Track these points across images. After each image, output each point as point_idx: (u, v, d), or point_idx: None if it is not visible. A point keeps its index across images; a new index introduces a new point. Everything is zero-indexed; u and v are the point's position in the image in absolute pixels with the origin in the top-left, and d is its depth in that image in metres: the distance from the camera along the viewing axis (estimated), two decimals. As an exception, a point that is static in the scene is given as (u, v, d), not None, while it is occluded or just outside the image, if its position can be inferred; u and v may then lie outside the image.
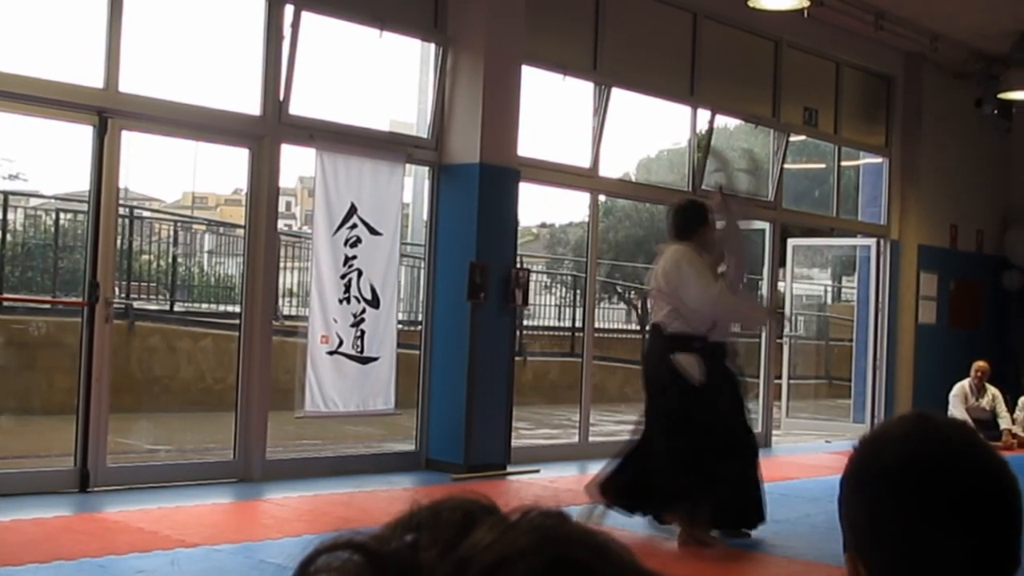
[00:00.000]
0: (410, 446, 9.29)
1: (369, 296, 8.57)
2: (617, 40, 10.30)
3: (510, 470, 9.06)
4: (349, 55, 9.86)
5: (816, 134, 13.06)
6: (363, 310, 8.54)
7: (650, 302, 6.81)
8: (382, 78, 9.89)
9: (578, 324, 14.94)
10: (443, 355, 9.10)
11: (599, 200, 10.97)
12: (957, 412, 12.24)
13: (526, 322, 16.54)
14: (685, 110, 11.33)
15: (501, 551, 0.60)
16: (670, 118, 13.52)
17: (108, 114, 7.42)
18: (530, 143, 9.55)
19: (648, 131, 22.77)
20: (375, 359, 8.60)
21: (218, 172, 46.45)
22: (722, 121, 12.47)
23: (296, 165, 21.32)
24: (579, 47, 10.10)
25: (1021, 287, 14.79)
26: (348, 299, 8.47)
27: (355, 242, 8.50)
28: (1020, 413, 12.74)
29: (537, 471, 9.07)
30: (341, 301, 8.43)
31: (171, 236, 15.81)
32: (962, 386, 12.56)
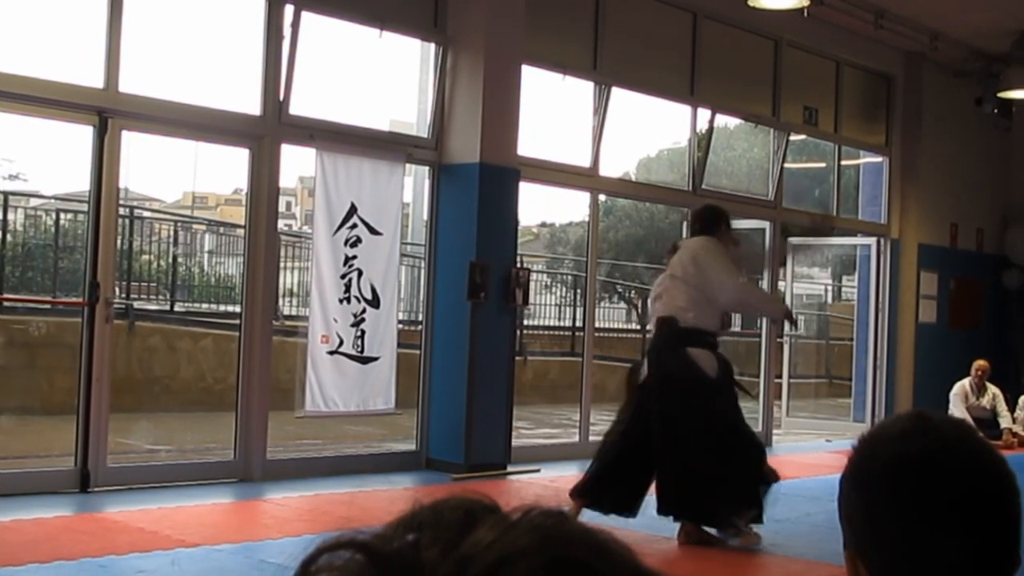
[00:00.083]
0: (410, 446, 9.29)
1: (369, 296, 8.57)
2: (617, 39, 10.30)
3: (510, 470, 9.06)
4: (349, 55, 9.86)
5: (816, 133, 13.06)
6: (363, 310, 8.54)
7: (657, 297, 6.82)
8: (382, 78, 9.89)
9: (578, 323, 14.95)
10: (443, 355, 9.10)
11: (599, 199, 10.97)
12: (957, 411, 12.23)
13: (526, 322, 16.53)
14: (685, 109, 11.33)
15: (502, 550, 0.60)
16: (670, 117, 13.55)
17: (108, 114, 7.42)
18: (530, 143, 9.55)
19: (648, 131, 22.78)
20: (375, 359, 8.60)
21: (218, 172, 46.47)
22: (722, 120, 12.48)
23: (296, 165, 21.32)
24: (579, 47, 10.10)
25: (1021, 286, 14.79)
26: (348, 299, 8.47)
27: (355, 242, 8.50)
28: (1020, 412, 12.74)
29: (537, 471, 9.08)
30: (341, 301, 8.43)
31: (171, 236, 15.81)
32: (962, 385, 12.56)
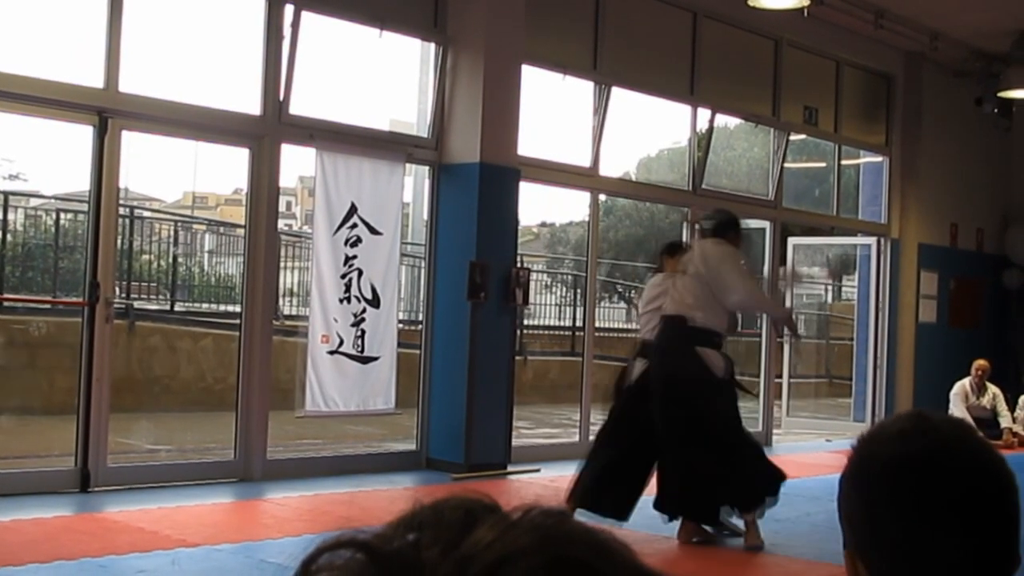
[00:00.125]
0: (410, 446, 9.29)
1: (369, 296, 8.57)
2: (617, 39, 10.30)
3: (510, 469, 9.06)
4: (349, 55, 9.86)
5: (816, 133, 13.06)
6: (363, 310, 8.54)
7: (654, 298, 6.82)
8: (382, 78, 9.89)
9: (578, 323, 14.95)
10: (443, 355, 9.10)
11: (599, 199, 10.96)
12: (958, 411, 12.23)
13: (526, 321, 16.53)
14: (685, 109, 11.33)
15: (502, 549, 0.60)
16: (670, 117, 13.54)
17: (108, 114, 7.42)
18: (530, 142, 9.55)
19: (648, 130, 22.74)
20: (375, 359, 8.60)
21: (218, 172, 46.44)
22: (722, 120, 12.47)
23: (296, 165, 21.25)
24: (579, 46, 10.10)
25: (1021, 286, 14.79)
26: (348, 299, 8.47)
27: (355, 242, 8.50)
28: (1021, 412, 12.74)
29: (537, 470, 9.07)
30: (341, 301, 8.43)
31: (171, 236, 15.81)
32: (963, 385, 12.56)
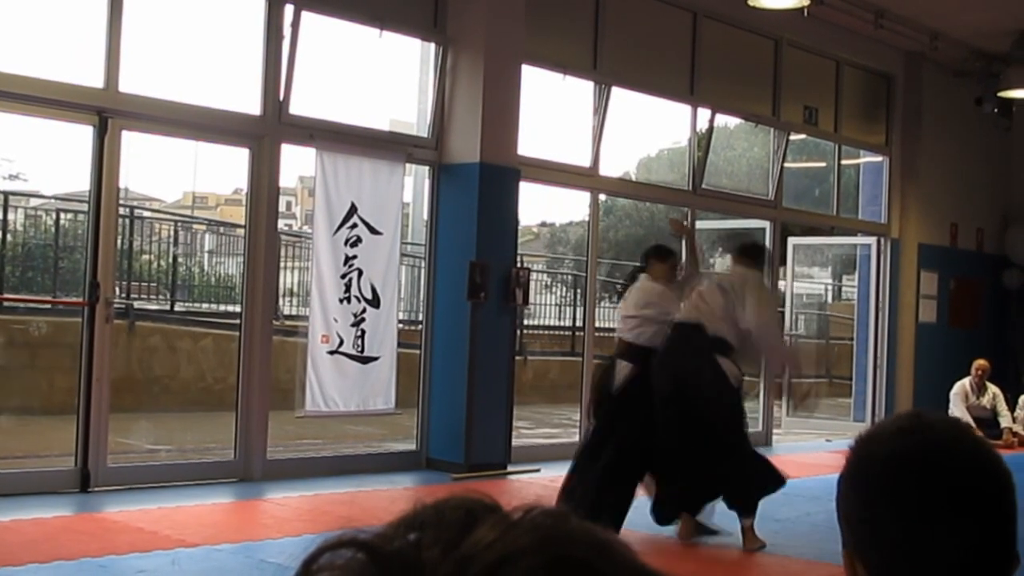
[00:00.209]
0: (410, 446, 9.29)
1: (369, 296, 8.57)
2: (617, 39, 10.30)
3: (510, 469, 9.06)
4: (349, 55, 9.86)
5: (816, 133, 13.06)
6: (363, 310, 8.54)
7: (650, 304, 6.83)
8: (382, 78, 9.89)
9: (578, 323, 14.94)
10: (443, 355, 9.10)
11: (599, 199, 10.96)
12: (958, 410, 12.23)
13: (526, 321, 16.53)
14: (685, 109, 11.33)
15: (503, 549, 0.60)
16: (670, 117, 13.53)
17: (108, 114, 7.42)
18: (530, 142, 9.55)
19: (648, 130, 22.71)
20: (375, 359, 8.60)
21: (218, 172, 46.43)
22: (722, 120, 12.47)
23: (296, 165, 21.22)
24: (579, 46, 10.10)
25: (1021, 286, 14.79)
26: (348, 299, 8.47)
27: (355, 242, 8.50)
28: (1021, 412, 12.74)
29: (537, 470, 9.07)
30: (341, 301, 8.43)
31: (171, 236, 15.80)
32: (963, 384, 12.56)
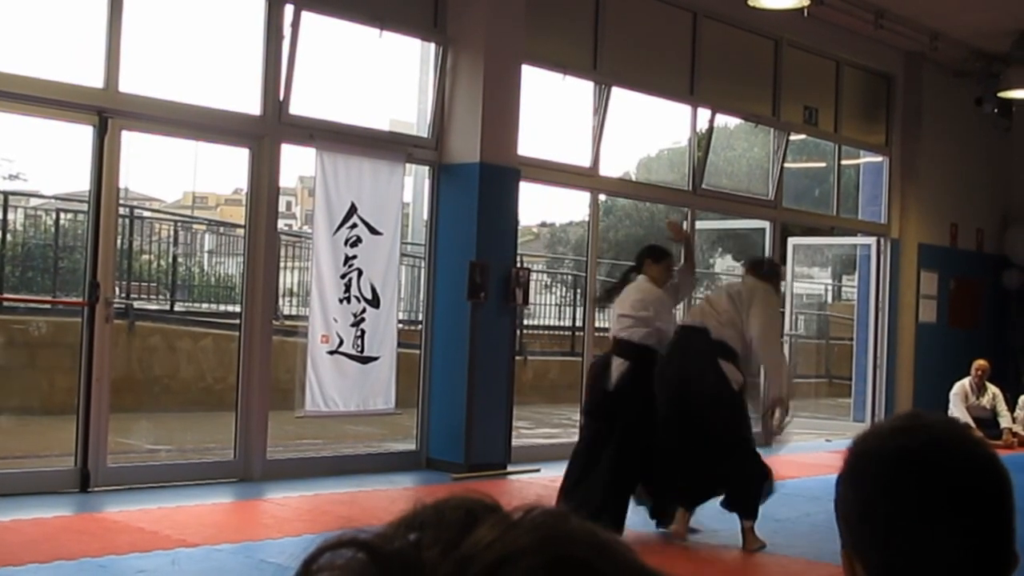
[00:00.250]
0: (410, 446, 9.29)
1: (369, 296, 8.57)
2: (617, 39, 10.30)
3: (510, 469, 9.06)
4: (349, 55, 9.86)
5: (816, 133, 13.06)
6: (363, 310, 8.54)
7: (645, 305, 6.84)
8: (382, 78, 9.89)
9: (578, 323, 14.94)
10: (443, 355, 9.10)
11: (599, 199, 10.97)
12: (957, 411, 12.23)
13: (526, 321, 16.52)
14: (685, 109, 11.33)
15: (503, 549, 0.60)
16: (670, 117, 13.53)
17: (108, 114, 7.42)
18: (530, 142, 9.55)
19: (648, 130, 22.68)
20: (375, 359, 8.60)
21: (218, 172, 46.46)
22: (722, 120, 12.47)
23: (296, 165, 21.21)
24: (579, 46, 10.10)
25: (1021, 286, 14.79)
26: (348, 299, 8.47)
27: (355, 242, 8.50)
28: (1021, 412, 12.74)
29: (537, 470, 9.07)
30: (341, 301, 8.43)
31: (171, 236, 15.80)
32: (962, 385, 12.55)
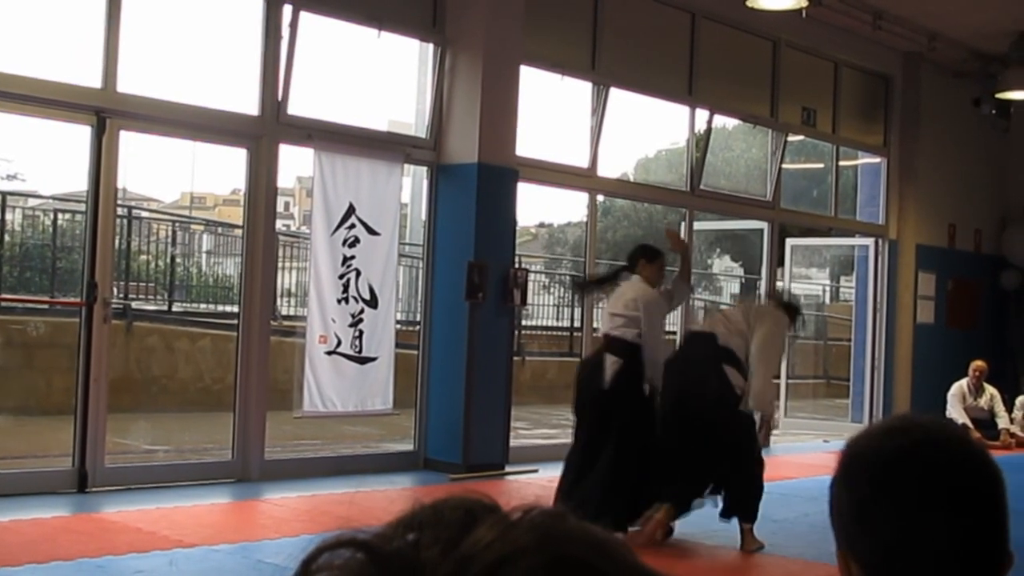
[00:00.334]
0: (408, 446, 9.29)
1: (367, 296, 8.57)
2: (615, 40, 10.30)
3: (508, 470, 9.06)
4: (347, 55, 9.87)
5: (814, 134, 13.06)
6: (361, 310, 8.54)
7: (635, 308, 6.86)
8: (380, 78, 9.89)
9: (576, 324, 14.96)
10: (441, 355, 9.09)
11: (597, 200, 10.97)
12: (955, 412, 12.25)
13: (524, 322, 16.53)
14: (683, 110, 11.33)
15: (502, 549, 0.60)
16: (668, 118, 13.58)
17: (106, 114, 7.41)
18: (528, 143, 9.55)
19: (646, 131, 22.74)
20: (373, 359, 8.59)
21: (216, 172, 46.69)
22: (720, 121, 12.47)
23: (294, 165, 21.30)
24: (577, 47, 10.10)
25: (1019, 287, 14.80)
26: (346, 299, 8.46)
27: (353, 242, 8.50)
28: (1018, 412, 12.75)
29: (535, 471, 9.07)
30: (339, 301, 8.43)
31: (169, 236, 15.80)
32: (960, 386, 12.56)
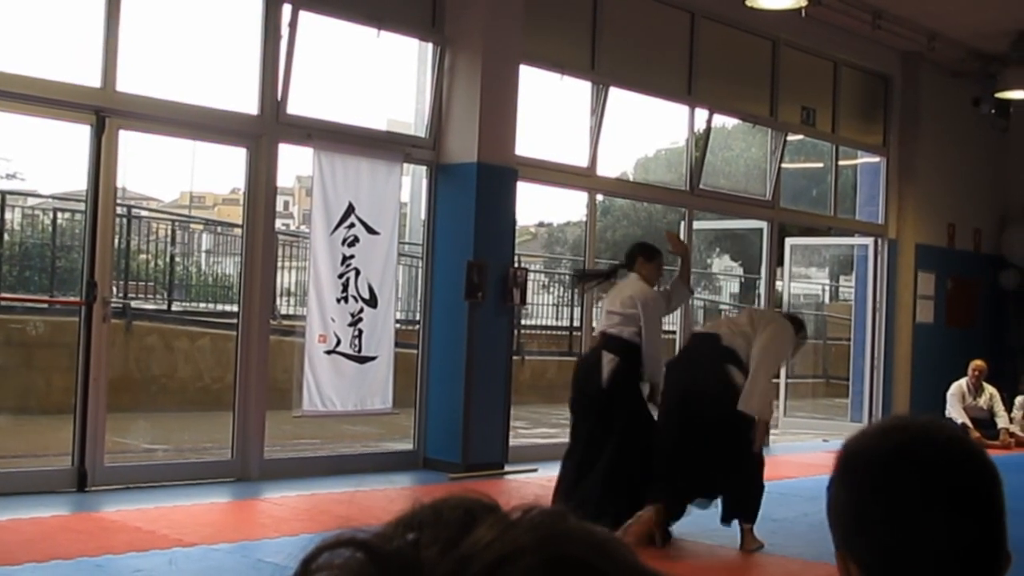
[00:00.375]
0: (408, 445, 9.29)
1: (367, 295, 8.57)
2: (615, 39, 10.30)
3: (507, 469, 9.06)
4: (347, 54, 9.86)
5: (814, 133, 13.06)
6: (361, 309, 8.54)
7: (633, 308, 6.87)
8: (380, 78, 9.88)
9: (576, 323, 14.96)
10: (441, 354, 9.09)
11: (597, 199, 10.97)
12: (955, 411, 12.25)
13: (524, 321, 16.54)
14: (683, 109, 11.33)
15: (502, 549, 0.60)
16: (668, 117, 13.59)
17: (106, 113, 7.41)
18: (528, 142, 9.55)
19: (646, 130, 22.75)
20: (373, 358, 8.59)
21: (216, 171, 46.68)
22: (720, 120, 12.47)
23: (294, 164, 21.24)
24: (577, 46, 10.10)
25: (1018, 286, 14.80)
26: (346, 298, 8.46)
27: (353, 241, 8.50)
28: (1018, 412, 12.75)
29: (535, 470, 9.07)
30: (339, 300, 8.43)
31: (169, 235, 15.80)
32: (959, 385, 12.56)
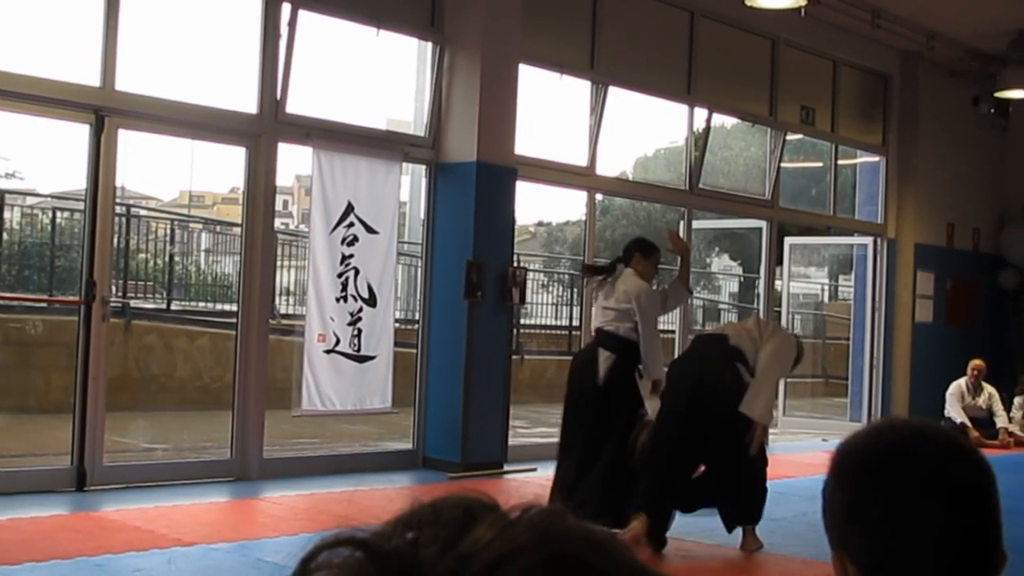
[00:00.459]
0: (407, 445, 9.30)
1: (366, 295, 8.57)
2: (614, 39, 10.30)
3: (507, 469, 9.06)
4: (346, 54, 9.86)
5: (813, 133, 13.06)
6: (360, 309, 8.54)
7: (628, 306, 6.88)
8: (379, 77, 9.88)
9: (575, 323, 14.97)
10: (440, 354, 9.10)
11: (596, 199, 10.97)
12: (954, 411, 12.26)
13: (523, 320, 16.54)
14: (682, 109, 11.33)
15: (501, 548, 0.60)
16: (667, 117, 13.58)
17: (105, 112, 7.41)
18: (527, 142, 9.55)
19: (645, 130, 22.74)
20: (372, 358, 8.60)
21: (215, 171, 46.66)
22: (719, 120, 12.48)
23: (293, 164, 21.19)
24: (576, 46, 10.10)
25: (1017, 285, 14.81)
26: (345, 298, 8.47)
27: (352, 241, 8.50)
28: (1017, 412, 12.76)
29: (534, 470, 9.07)
30: (338, 300, 8.43)
31: (168, 235, 15.79)
32: (959, 385, 12.57)
